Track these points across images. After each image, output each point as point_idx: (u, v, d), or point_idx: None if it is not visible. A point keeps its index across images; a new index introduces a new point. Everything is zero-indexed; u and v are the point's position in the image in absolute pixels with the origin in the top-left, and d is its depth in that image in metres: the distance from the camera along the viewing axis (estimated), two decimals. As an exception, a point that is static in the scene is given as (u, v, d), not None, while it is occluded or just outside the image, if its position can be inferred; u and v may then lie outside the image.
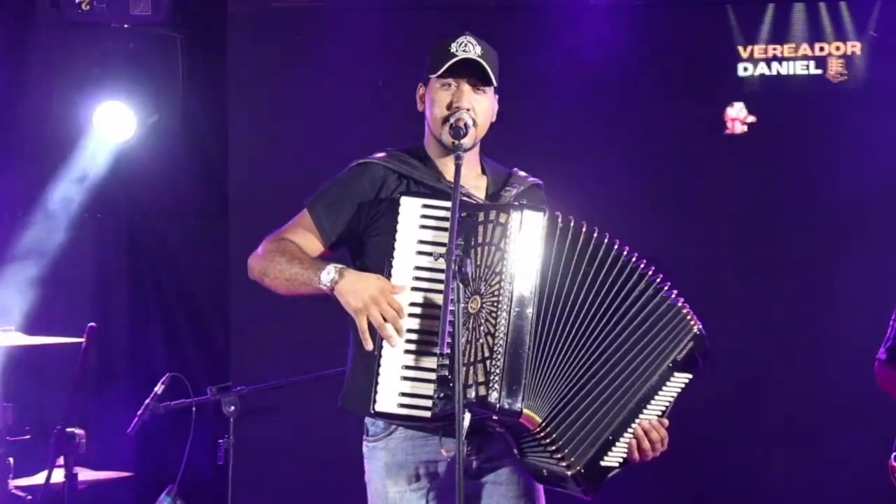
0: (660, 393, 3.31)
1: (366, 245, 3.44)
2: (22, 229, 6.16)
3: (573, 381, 3.24)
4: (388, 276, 3.28)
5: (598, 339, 3.27)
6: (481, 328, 3.18)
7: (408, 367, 3.24)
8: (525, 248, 3.21)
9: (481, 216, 3.25)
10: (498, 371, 3.14)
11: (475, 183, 3.51)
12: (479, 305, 3.19)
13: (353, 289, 3.26)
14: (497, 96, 3.52)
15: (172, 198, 6.43)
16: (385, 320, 3.22)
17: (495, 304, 3.17)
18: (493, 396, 3.13)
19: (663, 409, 3.32)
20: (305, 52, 6.26)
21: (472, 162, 3.51)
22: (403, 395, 3.22)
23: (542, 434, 3.22)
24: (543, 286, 3.22)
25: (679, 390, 3.33)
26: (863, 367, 4.67)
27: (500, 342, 3.16)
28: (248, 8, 6.25)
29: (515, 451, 3.34)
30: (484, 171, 3.56)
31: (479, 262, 3.22)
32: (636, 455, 3.30)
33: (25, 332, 4.79)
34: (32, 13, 6.22)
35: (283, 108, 6.24)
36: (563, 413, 3.23)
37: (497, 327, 3.16)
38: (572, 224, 3.28)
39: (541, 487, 3.46)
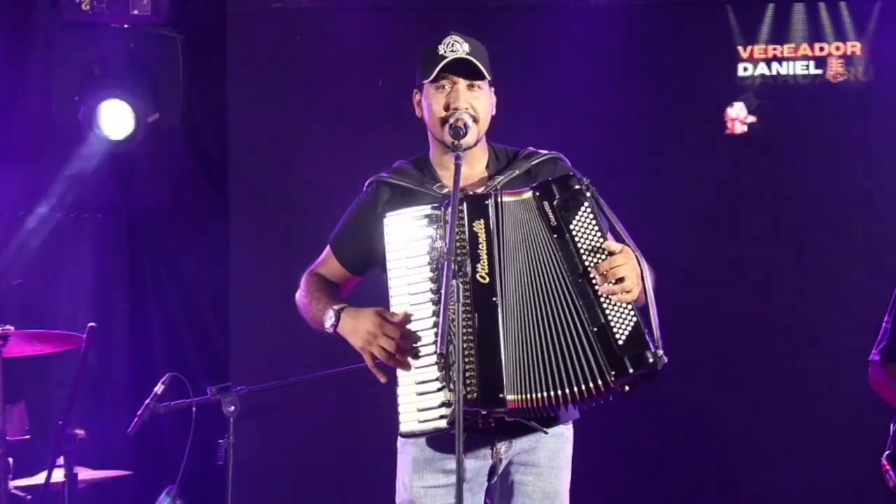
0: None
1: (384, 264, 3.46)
2: (22, 228, 6.17)
3: (551, 338, 3.24)
4: (387, 296, 3.33)
5: (550, 290, 3.26)
6: (464, 328, 3.21)
7: (420, 382, 3.27)
8: (475, 238, 3.25)
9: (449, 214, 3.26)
10: (473, 369, 3.18)
11: (480, 179, 3.52)
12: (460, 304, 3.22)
13: (352, 330, 3.34)
14: (493, 88, 3.53)
15: (172, 198, 6.43)
16: (389, 352, 3.25)
17: (468, 300, 3.21)
18: (474, 395, 3.17)
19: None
20: (305, 53, 6.26)
21: (478, 158, 3.53)
22: (421, 410, 3.26)
23: (544, 406, 3.23)
24: (503, 270, 3.25)
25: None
26: (857, 367, 4.67)
27: (472, 339, 3.20)
28: (247, 8, 6.25)
29: (545, 431, 3.37)
30: (489, 164, 3.56)
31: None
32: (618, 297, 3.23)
33: (25, 332, 4.78)
34: (32, 13, 6.22)
35: (283, 108, 6.23)
36: (545, 375, 3.22)
37: (472, 324, 3.20)
38: (499, 199, 3.30)
39: (566, 490, 3.48)
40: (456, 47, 3.43)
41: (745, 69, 6.21)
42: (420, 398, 3.25)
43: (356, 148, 5.95)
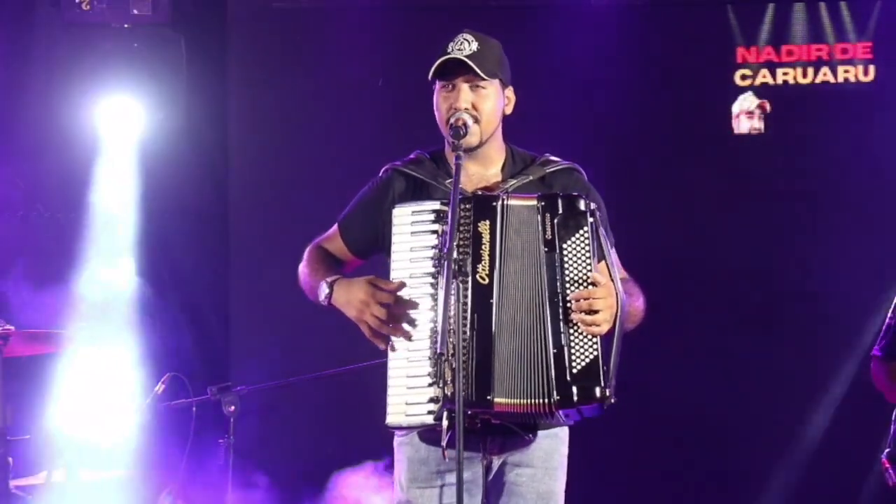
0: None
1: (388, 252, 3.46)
2: (23, 229, 6.17)
3: (526, 347, 3.24)
4: None
5: (532, 300, 3.26)
6: (461, 327, 3.20)
7: (411, 376, 3.26)
8: (479, 238, 3.25)
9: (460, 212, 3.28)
10: (465, 368, 3.18)
11: (493, 181, 3.50)
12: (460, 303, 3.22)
13: (346, 301, 3.33)
14: (510, 87, 3.51)
15: (173, 198, 6.43)
16: (382, 321, 3.24)
17: (466, 300, 3.21)
18: (464, 393, 3.15)
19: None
20: (305, 52, 6.26)
21: (493, 160, 3.52)
22: (409, 404, 3.25)
23: (524, 411, 3.22)
24: (502, 273, 3.25)
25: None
26: (858, 365, 4.67)
27: (468, 338, 3.20)
28: (248, 8, 6.25)
29: (529, 435, 3.37)
30: (505, 167, 3.55)
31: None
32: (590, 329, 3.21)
33: (25, 332, 4.79)
34: (32, 13, 6.22)
35: (283, 108, 6.24)
36: (521, 381, 3.23)
37: (470, 323, 3.21)
38: (506, 201, 3.29)
39: (561, 490, 3.47)
40: (463, 46, 3.41)
41: (746, 69, 6.21)
42: (410, 392, 3.24)
43: (356, 148, 5.95)
